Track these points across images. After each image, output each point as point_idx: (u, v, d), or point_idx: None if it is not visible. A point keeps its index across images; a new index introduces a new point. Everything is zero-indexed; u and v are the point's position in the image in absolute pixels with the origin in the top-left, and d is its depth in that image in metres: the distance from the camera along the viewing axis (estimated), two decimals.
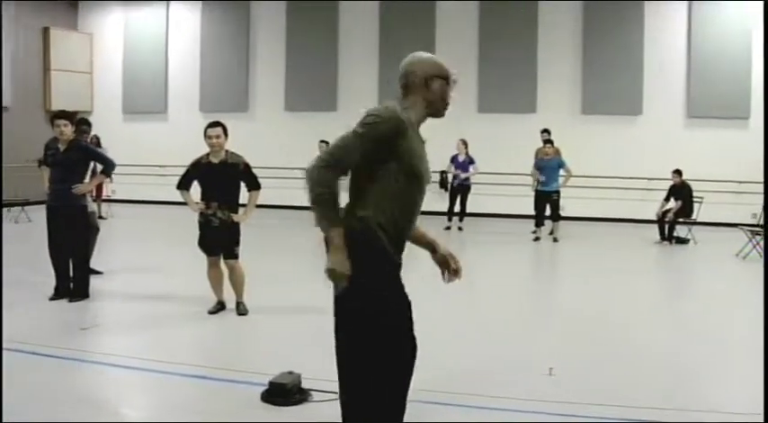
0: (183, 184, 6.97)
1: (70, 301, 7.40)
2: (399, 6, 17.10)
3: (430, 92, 3.28)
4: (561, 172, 12.94)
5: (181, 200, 7.05)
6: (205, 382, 4.92)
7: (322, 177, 2.98)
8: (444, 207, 14.63)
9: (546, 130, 14.01)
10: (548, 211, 13.04)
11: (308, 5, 17.85)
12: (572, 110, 16.32)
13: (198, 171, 6.94)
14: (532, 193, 13.33)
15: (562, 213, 13.20)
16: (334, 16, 17.82)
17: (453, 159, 14.48)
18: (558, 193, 12.92)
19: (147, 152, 18.74)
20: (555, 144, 13.25)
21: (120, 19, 19.78)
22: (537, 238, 12.97)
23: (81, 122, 8.65)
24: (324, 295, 8.06)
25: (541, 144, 13.55)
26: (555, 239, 12.90)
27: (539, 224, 13.11)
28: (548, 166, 12.87)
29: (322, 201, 2.99)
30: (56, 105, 18.16)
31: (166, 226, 14.73)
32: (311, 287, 8.70)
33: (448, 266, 3.57)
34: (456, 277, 3.62)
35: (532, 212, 13.33)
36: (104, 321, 6.82)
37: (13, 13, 17.75)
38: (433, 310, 7.53)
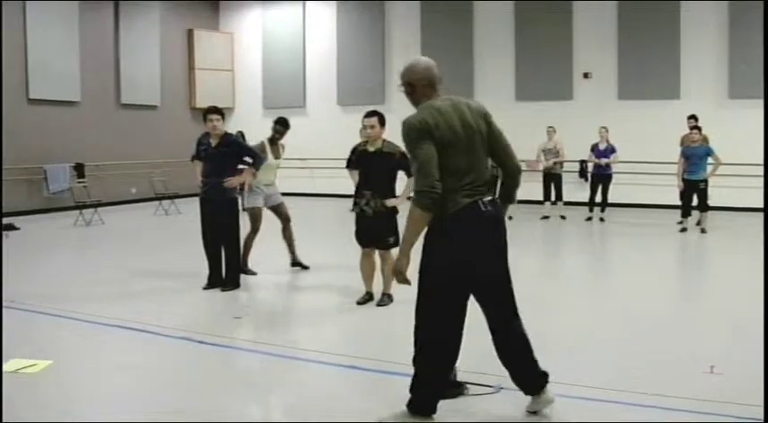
0: (351, 165, 7.19)
1: (222, 290, 7.66)
2: (536, 5, 16.83)
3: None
4: (709, 160, 12.31)
5: (323, 192, 7.16)
6: (358, 373, 4.95)
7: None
8: (586, 197, 14.28)
9: (693, 116, 13.37)
10: (695, 201, 12.44)
11: (442, 4, 17.87)
12: (718, 95, 15.50)
13: (356, 157, 7.03)
14: (675, 183, 12.68)
15: (710, 203, 12.54)
16: (469, 11, 17.71)
17: (594, 148, 14.07)
18: (705, 181, 12.27)
19: (288, 146, 19.12)
20: (702, 131, 12.63)
21: (259, 18, 20.40)
22: (684, 229, 12.40)
23: (279, 123, 8.86)
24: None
25: (687, 131, 12.96)
26: (703, 230, 12.29)
27: (685, 214, 12.54)
28: (695, 153, 12.26)
29: None
30: (200, 103, 18.95)
31: (308, 218, 15.03)
32: None
33: None
34: None
35: (678, 202, 12.76)
36: (256, 311, 7.02)
37: (158, 17, 18.63)
38: (585, 305, 7.36)
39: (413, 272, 3.81)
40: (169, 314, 6.66)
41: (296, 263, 8.90)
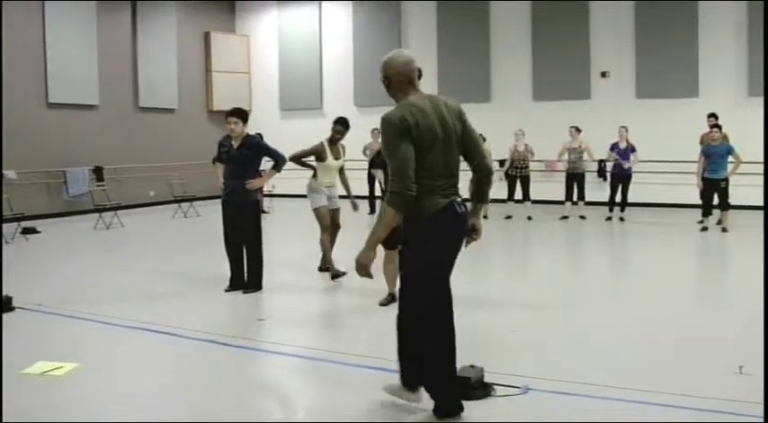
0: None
1: (244, 292, 7.68)
2: (552, 4, 16.80)
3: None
4: (730, 158, 12.23)
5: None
6: (389, 375, 4.93)
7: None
8: (605, 196, 14.23)
9: (713, 115, 13.28)
10: (716, 200, 12.35)
11: (458, 4, 17.87)
12: (737, 93, 15.38)
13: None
14: (695, 182, 12.55)
15: (731, 202, 12.45)
16: (486, 11, 17.69)
17: (614, 147, 14.01)
18: (726, 180, 12.18)
19: (304, 147, 19.18)
20: (722, 129, 12.54)
21: (275, 20, 20.46)
22: (704, 229, 12.32)
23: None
24: (503, 288, 7.99)
25: (707, 129, 12.87)
26: (724, 229, 12.20)
27: (706, 213, 12.45)
28: (715, 152, 12.18)
29: None
30: (218, 105, 19.03)
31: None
32: (489, 279, 8.74)
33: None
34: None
35: (698, 202, 12.69)
36: (279, 313, 7.01)
37: (175, 20, 18.72)
38: (609, 306, 7.33)
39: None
40: (193, 316, 6.68)
41: (325, 268, 8.71)
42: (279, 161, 7.86)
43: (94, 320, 6.55)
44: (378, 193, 13.90)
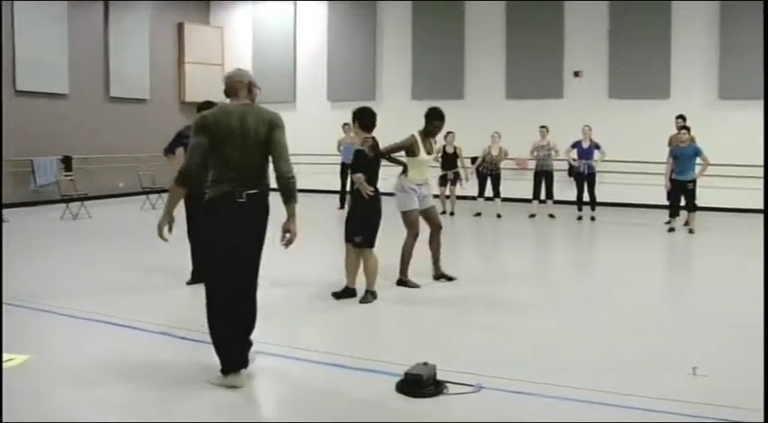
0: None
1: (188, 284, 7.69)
2: (527, 4, 16.84)
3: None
4: (698, 160, 12.32)
5: (311, 188, 7.16)
6: (339, 371, 4.95)
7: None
8: (573, 196, 14.32)
9: (681, 116, 13.36)
10: (683, 201, 12.45)
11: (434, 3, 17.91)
12: (708, 95, 15.51)
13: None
14: (663, 183, 12.64)
15: (698, 203, 12.55)
16: (461, 10, 17.70)
17: (576, 145, 14.08)
18: (694, 181, 12.25)
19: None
20: (690, 131, 12.61)
21: (249, 12, 20.35)
22: (672, 229, 12.42)
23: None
24: (465, 286, 8.00)
25: (676, 131, 12.95)
26: (691, 231, 12.30)
27: (673, 214, 12.56)
28: (683, 153, 12.25)
29: None
30: (190, 97, 18.90)
31: (299, 214, 14.89)
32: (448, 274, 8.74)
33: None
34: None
35: (666, 202, 12.79)
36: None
37: (149, 10, 18.55)
38: (571, 306, 7.37)
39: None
40: (154, 309, 6.65)
41: (440, 275, 8.08)
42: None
43: (52, 312, 6.49)
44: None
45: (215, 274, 4.69)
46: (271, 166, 4.70)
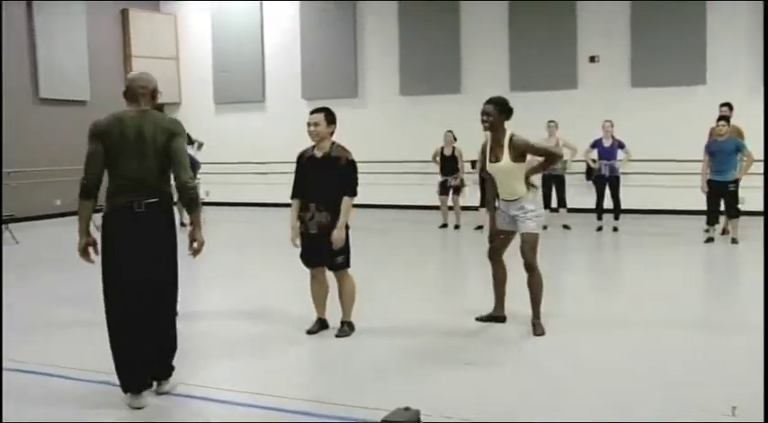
0: (296, 192, 6.88)
1: None
2: None
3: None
4: (739, 157, 12.20)
5: (283, 201, 7.04)
6: (306, 420, 4.86)
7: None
8: (593, 203, 14.27)
9: (727, 104, 13.04)
10: (722, 206, 12.36)
11: None
12: (752, 78, 15.41)
13: (302, 168, 6.87)
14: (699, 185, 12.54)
15: (742, 208, 12.46)
16: None
17: (596, 144, 14.02)
18: (735, 183, 12.15)
19: (244, 147, 19.28)
20: (733, 122, 12.45)
21: None
22: (710, 240, 12.34)
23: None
24: (446, 313, 7.91)
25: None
26: (733, 240, 12.21)
27: (712, 222, 12.46)
28: (721, 149, 12.11)
29: None
30: None
31: (264, 232, 14.89)
32: (431, 301, 8.62)
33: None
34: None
35: (704, 207, 12.68)
36: (190, 345, 6.79)
37: None
38: (585, 331, 7.24)
39: None
40: (76, 352, 6.56)
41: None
42: (193, 166, 7.77)
43: None
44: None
45: (118, 295, 5.01)
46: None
